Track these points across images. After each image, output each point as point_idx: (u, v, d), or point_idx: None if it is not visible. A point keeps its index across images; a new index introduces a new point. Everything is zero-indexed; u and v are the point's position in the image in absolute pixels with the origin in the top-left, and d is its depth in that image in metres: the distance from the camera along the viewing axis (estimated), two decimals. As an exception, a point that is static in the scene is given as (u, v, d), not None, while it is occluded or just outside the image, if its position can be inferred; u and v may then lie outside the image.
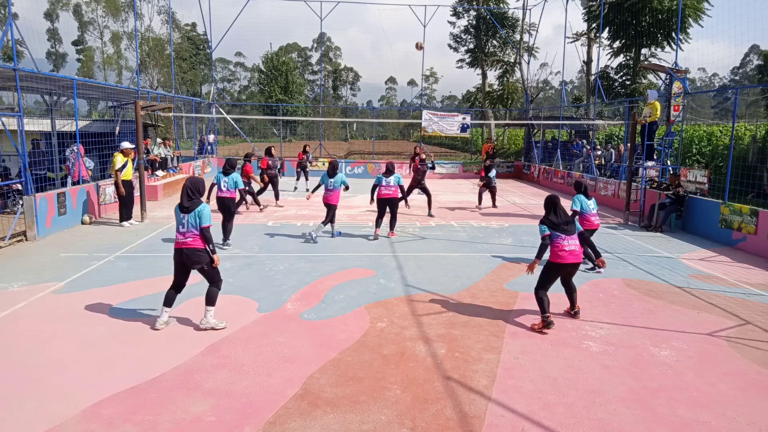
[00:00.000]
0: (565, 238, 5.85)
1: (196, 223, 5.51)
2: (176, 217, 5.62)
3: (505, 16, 31.81)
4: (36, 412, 4.08)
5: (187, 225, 5.51)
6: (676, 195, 11.86)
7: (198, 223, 5.51)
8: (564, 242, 5.84)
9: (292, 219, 12.49)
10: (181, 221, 5.55)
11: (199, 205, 5.57)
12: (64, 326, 5.74)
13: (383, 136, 51.09)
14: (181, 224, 5.55)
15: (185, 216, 5.53)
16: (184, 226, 5.53)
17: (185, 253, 5.53)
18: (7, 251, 8.87)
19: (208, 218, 5.57)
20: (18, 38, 9.86)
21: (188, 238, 5.52)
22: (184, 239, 5.53)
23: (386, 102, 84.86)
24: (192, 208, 5.52)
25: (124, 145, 11.38)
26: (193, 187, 5.62)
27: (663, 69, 15.10)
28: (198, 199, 5.64)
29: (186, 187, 5.61)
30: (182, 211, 5.55)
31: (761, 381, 4.83)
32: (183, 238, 5.54)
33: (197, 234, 5.53)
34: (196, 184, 5.67)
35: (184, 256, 5.54)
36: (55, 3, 60.96)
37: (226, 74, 77.41)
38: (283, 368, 4.86)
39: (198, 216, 5.51)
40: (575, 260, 5.91)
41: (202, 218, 5.53)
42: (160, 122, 21.66)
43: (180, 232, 5.56)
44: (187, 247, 5.52)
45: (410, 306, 6.59)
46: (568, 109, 26.87)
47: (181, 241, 5.54)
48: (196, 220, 5.51)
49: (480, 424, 4.03)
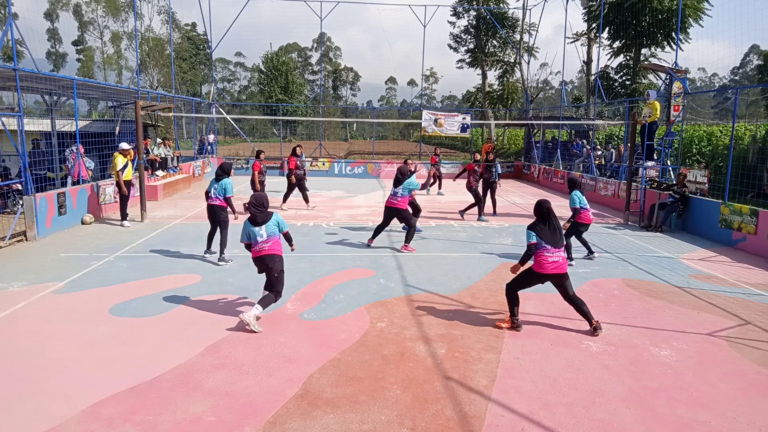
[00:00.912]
0: (551, 249, 5.68)
1: (275, 231, 6.04)
2: (249, 231, 6.00)
3: (505, 16, 31.81)
4: (36, 412, 4.08)
5: (266, 234, 5.98)
6: (682, 195, 11.86)
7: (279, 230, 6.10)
8: (548, 253, 5.68)
9: (292, 219, 12.49)
10: (258, 233, 5.96)
11: (272, 215, 6.08)
12: (64, 326, 5.74)
13: (383, 136, 51.08)
14: (259, 235, 5.95)
15: (262, 227, 5.97)
16: (262, 236, 5.96)
17: (265, 259, 5.95)
18: (7, 251, 8.87)
19: (285, 224, 6.16)
20: (18, 38, 9.86)
21: (267, 245, 5.97)
22: (263, 246, 5.95)
23: (386, 102, 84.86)
24: (267, 219, 6.00)
25: (122, 146, 11.43)
26: (258, 203, 6.08)
27: (663, 69, 15.11)
28: (267, 211, 6.09)
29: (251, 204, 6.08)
30: (256, 225, 5.98)
31: (761, 381, 4.83)
32: (263, 245, 5.95)
33: (277, 239, 6.04)
34: (260, 199, 6.13)
35: (265, 261, 5.96)
36: (55, 3, 60.95)
37: (226, 74, 77.43)
38: (283, 368, 4.86)
39: (276, 223, 6.06)
40: (559, 271, 5.72)
41: (281, 224, 6.12)
42: (160, 122, 21.67)
43: (257, 242, 5.96)
44: (267, 254, 5.95)
45: (410, 306, 6.59)
46: (568, 109, 26.87)
47: (260, 249, 5.96)
48: (275, 227, 6.05)
49: (480, 424, 4.03)
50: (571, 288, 5.88)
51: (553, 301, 6.88)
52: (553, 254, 5.69)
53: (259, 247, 5.95)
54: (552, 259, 5.68)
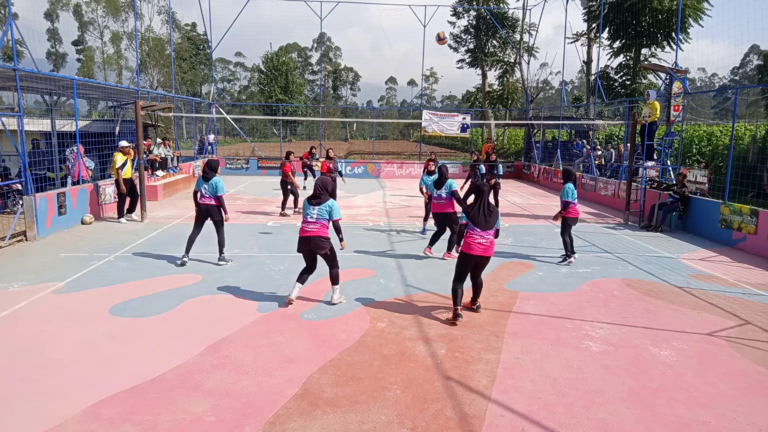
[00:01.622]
0: (478, 232, 5.91)
1: (325, 215, 6.29)
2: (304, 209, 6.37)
3: (505, 16, 31.79)
4: (36, 412, 4.08)
5: (316, 216, 6.26)
6: (682, 195, 11.86)
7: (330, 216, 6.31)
8: (476, 235, 5.92)
9: (292, 219, 12.48)
10: (310, 213, 6.29)
11: (328, 200, 6.33)
12: (64, 326, 5.74)
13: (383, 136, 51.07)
14: (310, 215, 6.28)
15: (314, 208, 6.28)
16: (312, 216, 6.27)
17: (313, 240, 6.26)
18: (7, 251, 8.87)
19: (338, 211, 6.38)
20: (18, 38, 9.86)
21: (314, 227, 6.26)
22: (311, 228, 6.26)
23: (386, 102, 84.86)
24: (322, 201, 6.29)
25: (122, 144, 11.49)
26: (323, 186, 6.36)
27: (663, 69, 15.11)
28: (327, 195, 6.36)
29: (317, 185, 6.36)
30: (311, 204, 6.30)
31: (761, 381, 4.83)
32: (310, 226, 6.27)
33: (325, 224, 6.31)
34: (326, 183, 6.40)
35: (312, 243, 6.27)
36: (55, 3, 60.92)
37: (226, 74, 77.40)
38: (283, 368, 4.86)
39: (329, 209, 6.30)
40: (484, 254, 5.97)
41: (333, 212, 6.32)
42: (160, 122, 21.66)
43: (307, 221, 6.29)
44: (315, 235, 6.26)
45: (410, 306, 6.59)
46: (568, 109, 26.87)
47: (309, 229, 6.27)
48: (326, 212, 6.29)
49: (480, 424, 4.03)
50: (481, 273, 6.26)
51: (553, 301, 6.88)
52: (483, 237, 5.94)
53: (309, 228, 6.26)
54: (479, 241, 5.94)
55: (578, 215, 8.90)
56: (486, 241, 5.94)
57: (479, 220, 5.92)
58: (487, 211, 5.96)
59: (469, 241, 5.96)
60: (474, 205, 6.02)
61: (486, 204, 6.00)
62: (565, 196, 8.61)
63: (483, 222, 5.92)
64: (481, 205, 5.97)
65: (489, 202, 6.07)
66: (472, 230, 5.96)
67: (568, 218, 8.73)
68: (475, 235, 5.94)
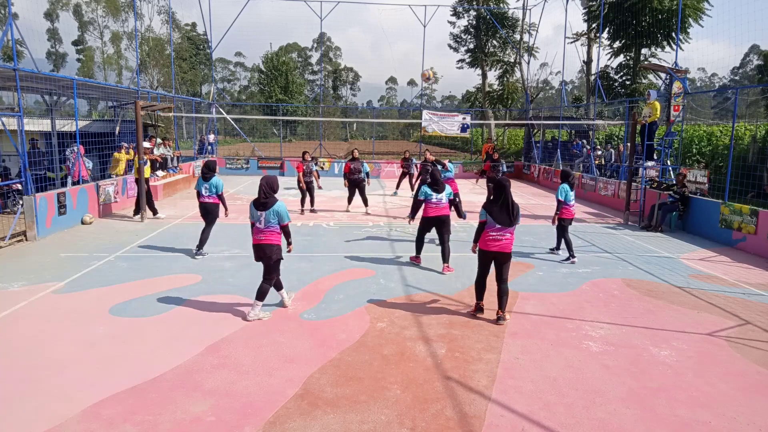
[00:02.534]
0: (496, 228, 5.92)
1: (274, 221, 5.90)
2: (252, 214, 5.95)
3: (505, 16, 31.81)
4: (36, 412, 4.08)
5: (265, 222, 5.88)
6: (682, 195, 11.86)
7: (279, 220, 5.92)
8: (493, 231, 5.95)
9: (292, 219, 12.47)
10: (258, 218, 5.89)
11: (275, 203, 5.91)
12: (64, 326, 5.74)
13: (383, 136, 51.10)
14: (259, 221, 5.90)
15: (261, 213, 5.87)
16: (261, 223, 5.89)
17: (262, 248, 5.92)
18: (7, 251, 8.87)
19: (287, 215, 5.99)
20: (18, 38, 9.86)
21: (262, 236, 5.92)
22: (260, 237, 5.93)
23: (386, 102, 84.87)
24: (269, 206, 5.86)
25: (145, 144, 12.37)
26: (269, 187, 5.90)
27: (663, 69, 15.11)
28: (274, 198, 5.92)
29: (262, 187, 5.89)
30: (258, 209, 5.88)
31: (761, 381, 4.83)
32: (260, 235, 5.93)
33: (276, 230, 5.94)
34: (271, 183, 5.94)
35: (260, 250, 5.94)
36: (55, 3, 60.93)
37: (226, 74, 77.44)
38: (283, 368, 4.86)
39: (277, 213, 5.89)
40: (501, 250, 5.97)
41: (282, 216, 5.92)
42: (160, 122, 21.65)
43: (257, 229, 5.93)
44: (265, 244, 5.91)
45: (410, 306, 6.59)
46: (568, 109, 26.87)
47: (259, 238, 5.94)
48: (274, 218, 5.89)
49: (480, 424, 4.03)
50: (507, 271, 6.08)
51: (552, 301, 6.88)
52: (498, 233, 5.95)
53: (260, 237, 5.93)
54: (494, 237, 5.96)
55: (572, 216, 9.03)
56: (502, 238, 5.93)
57: (503, 218, 5.88)
58: (510, 208, 5.89)
59: (485, 237, 6.00)
60: (496, 202, 5.95)
61: (511, 201, 5.92)
62: (559, 194, 8.86)
63: (507, 220, 5.89)
64: (504, 201, 5.89)
65: (513, 199, 6.00)
66: (490, 227, 5.95)
67: (563, 219, 8.91)
68: (491, 232, 5.94)
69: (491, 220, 5.92)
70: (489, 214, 5.95)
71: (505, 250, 5.96)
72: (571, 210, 8.93)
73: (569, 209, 8.88)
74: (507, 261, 6.03)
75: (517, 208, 6.00)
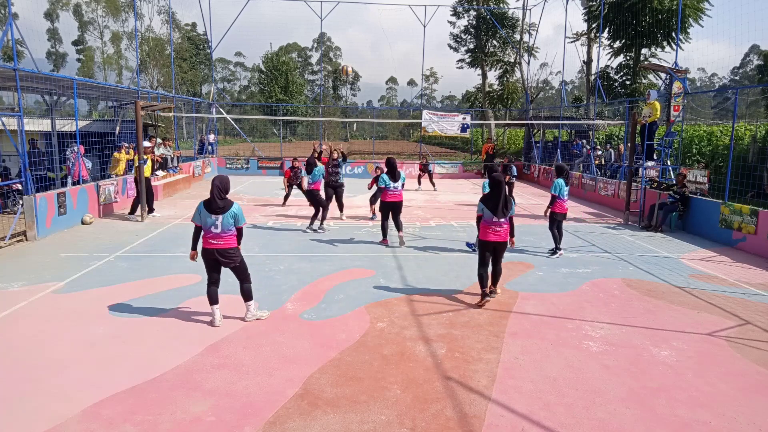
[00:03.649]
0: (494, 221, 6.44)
1: (230, 225, 5.62)
2: (203, 219, 5.59)
3: (505, 16, 31.78)
4: (36, 412, 4.08)
5: (223, 226, 5.58)
6: (682, 195, 11.86)
7: (235, 223, 5.65)
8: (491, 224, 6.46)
9: (292, 219, 12.49)
10: (213, 223, 5.56)
11: (231, 206, 5.64)
12: (64, 326, 5.74)
13: (383, 136, 51.11)
14: (213, 225, 5.57)
15: (217, 217, 5.55)
16: (218, 227, 5.57)
17: (219, 253, 5.62)
18: (7, 251, 8.87)
19: (243, 217, 5.73)
20: (18, 38, 9.86)
21: (218, 241, 5.61)
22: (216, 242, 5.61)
23: (386, 102, 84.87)
24: (226, 209, 5.58)
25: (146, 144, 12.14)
26: (222, 187, 5.61)
27: (663, 69, 15.11)
28: (228, 199, 5.66)
29: (215, 188, 5.58)
30: (214, 212, 5.55)
31: (761, 381, 4.83)
32: (215, 240, 5.60)
33: (233, 234, 5.67)
34: (225, 183, 5.66)
35: (217, 255, 5.63)
36: (55, 3, 60.92)
37: (226, 74, 77.40)
38: (283, 368, 4.86)
39: (234, 216, 5.62)
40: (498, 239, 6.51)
41: (238, 218, 5.65)
42: (160, 122, 21.66)
43: (211, 233, 5.59)
44: (221, 248, 5.62)
45: (410, 306, 6.59)
46: (568, 109, 26.87)
47: (214, 243, 5.61)
48: (231, 221, 5.61)
49: (480, 424, 4.03)
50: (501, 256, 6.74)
51: (553, 301, 6.88)
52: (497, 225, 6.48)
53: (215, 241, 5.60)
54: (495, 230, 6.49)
55: (565, 211, 9.25)
56: (500, 229, 6.49)
57: (498, 211, 6.41)
58: (504, 202, 6.44)
59: (486, 230, 6.52)
60: (492, 196, 6.46)
61: (504, 196, 6.48)
62: (553, 189, 9.08)
63: (502, 212, 6.42)
64: (500, 196, 6.41)
65: (506, 194, 6.55)
66: (488, 220, 6.47)
67: (556, 213, 9.13)
68: (490, 224, 6.48)
69: (488, 213, 6.46)
70: (485, 208, 6.50)
71: (503, 239, 6.57)
72: (564, 205, 9.14)
73: (562, 204, 9.10)
74: (504, 249, 6.72)
75: (511, 202, 6.63)
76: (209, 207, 5.57)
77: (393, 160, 9.88)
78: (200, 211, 5.62)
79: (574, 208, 15.36)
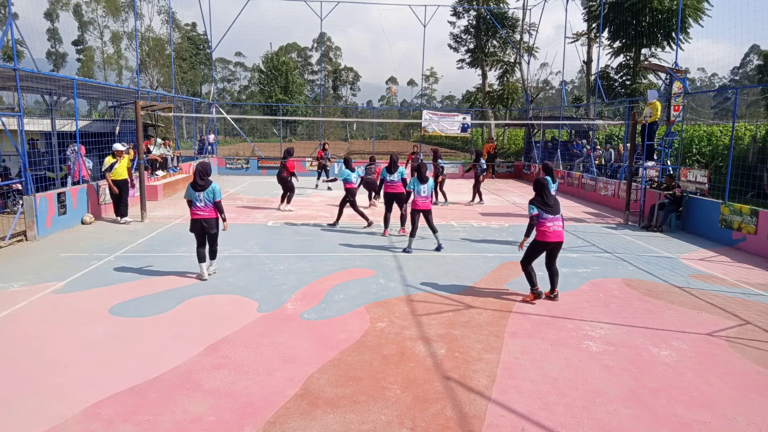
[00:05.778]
0: (550, 218, 6.53)
1: (210, 199, 7.19)
2: (191, 195, 7.18)
3: (505, 16, 31.77)
4: (36, 412, 4.08)
5: (204, 200, 7.16)
6: (673, 196, 11.88)
7: (214, 198, 7.20)
8: (549, 222, 6.53)
9: (293, 219, 12.49)
10: (198, 198, 7.16)
11: (210, 184, 7.20)
12: (63, 326, 5.74)
13: (383, 136, 51.08)
14: (198, 200, 7.16)
15: (200, 194, 7.14)
16: (201, 201, 7.16)
17: (204, 221, 7.20)
18: (7, 251, 8.87)
19: (219, 193, 7.29)
20: (18, 38, 9.85)
21: (203, 212, 7.20)
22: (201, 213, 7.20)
23: (386, 102, 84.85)
24: (206, 187, 7.16)
25: (115, 146, 11.53)
26: (204, 171, 7.22)
27: (663, 69, 15.09)
28: (208, 180, 7.23)
29: (198, 171, 7.17)
30: (197, 190, 7.13)
31: (761, 381, 4.83)
32: (201, 211, 7.21)
33: (212, 207, 7.24)
34: (206, 167, 7.29)
35: (203, 224, 7.21)
36: (55, 3, 60.94)
37: (226, 74, 77.38)
38: (283, 368, 4.86)
39: (212, 192, 7.20)
40: (557, 239, 6.56)
41: (215, 194, 7.22)
42: (160, 122, 21.66)
43: (197, 207, 7.18)
44: (206, 218, 7.21)
45: (410, 306, 6.59)
46: (568, 109, 26.86)
47: (200, 213, 7.21)
48: (210, 196, 7.19)
49: (480, 424, 4.03)
50: None
51: (553, 301, 6.88)
52: (554, 223, 6.55)
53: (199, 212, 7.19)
54: (554, 228, 6.55)
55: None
56: (559, 227, 6.57)
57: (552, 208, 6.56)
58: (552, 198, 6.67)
59: (543, 229, 6.55)
60: (540, 195, 6.65)
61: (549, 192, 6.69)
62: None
63: (556, 209, 6.58)
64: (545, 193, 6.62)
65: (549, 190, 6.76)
66: (544, 218, 6.54)
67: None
68: (548, 222, 6.53)
69: (544, 213, 6.54)
70: (540, 207, 6.58)
71: (561, 239, 6.61)
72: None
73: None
74: (560, 248, 6.72)
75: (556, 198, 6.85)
76: (194, 186, 7.16)
77: (394, 154, 11.14)
78: (188, 190, 7.27)
79: (574, 208, 15.36)
